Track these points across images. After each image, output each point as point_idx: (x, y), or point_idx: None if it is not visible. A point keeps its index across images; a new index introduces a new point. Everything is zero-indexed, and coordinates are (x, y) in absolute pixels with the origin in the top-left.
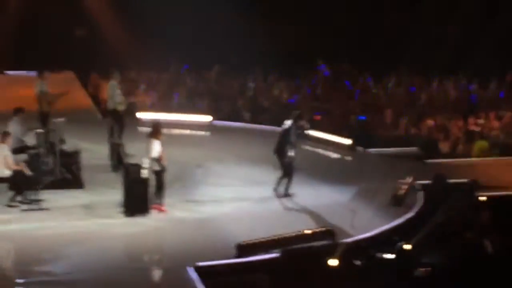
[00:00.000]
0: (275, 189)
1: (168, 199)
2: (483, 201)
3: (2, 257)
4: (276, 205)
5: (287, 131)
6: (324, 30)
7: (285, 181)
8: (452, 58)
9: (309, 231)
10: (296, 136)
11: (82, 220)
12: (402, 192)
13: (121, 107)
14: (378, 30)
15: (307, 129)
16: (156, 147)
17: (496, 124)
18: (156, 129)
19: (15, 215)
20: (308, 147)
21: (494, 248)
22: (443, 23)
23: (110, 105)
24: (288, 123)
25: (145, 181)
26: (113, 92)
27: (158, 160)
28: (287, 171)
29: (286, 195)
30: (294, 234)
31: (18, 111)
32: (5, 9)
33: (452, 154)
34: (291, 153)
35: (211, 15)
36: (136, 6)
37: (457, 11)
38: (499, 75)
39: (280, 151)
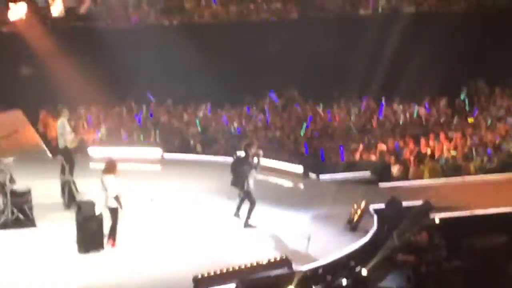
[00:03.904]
0: (236, 214)
1: (122, 234)
2: (437, 223)
3: None
4: (231, 235)
5: (241, 161)
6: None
7: (248, 208)
8: (400, 80)
9: (265, 261)
10: (252, 165)
11: (36, 260)
12: (356, 217)
13: (72, 145)
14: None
15: (261, 156)
16: (112, 184)
17: (447, 144)
18: (110, 165)
19: None
20: (260, 176)
21: (448, 270)
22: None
23: (61, 143)
24: (240, 153)
25: (98, 218)
26: (63, 130)
27: (116, 197)
28: (250, 199)
29: (248, 224)
30: (250, 264)
31: None
32: None
33: (404, 177)
34: (249, 183)
35: (158, 49)
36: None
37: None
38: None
39: (237, 182)
